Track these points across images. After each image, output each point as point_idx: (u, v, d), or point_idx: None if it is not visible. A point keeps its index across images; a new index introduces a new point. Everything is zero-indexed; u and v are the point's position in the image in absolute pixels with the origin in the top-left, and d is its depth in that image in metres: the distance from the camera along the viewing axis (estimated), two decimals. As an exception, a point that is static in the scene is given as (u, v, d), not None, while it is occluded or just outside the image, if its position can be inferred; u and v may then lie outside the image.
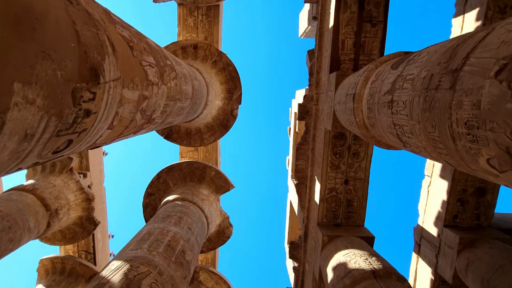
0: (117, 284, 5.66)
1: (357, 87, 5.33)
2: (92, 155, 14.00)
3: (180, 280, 7.17)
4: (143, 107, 4.39)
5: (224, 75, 11.72)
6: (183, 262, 7.71)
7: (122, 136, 4.38)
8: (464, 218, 8.53)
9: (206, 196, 12.03)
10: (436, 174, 9.01)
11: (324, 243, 7.97)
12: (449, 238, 8.31)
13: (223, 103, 11.92)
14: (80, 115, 2.77)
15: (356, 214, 8.61)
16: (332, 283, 6.49)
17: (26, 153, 2.38)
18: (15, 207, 9.90)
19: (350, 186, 8.47)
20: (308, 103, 9.77)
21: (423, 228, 9.53)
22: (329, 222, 8.63)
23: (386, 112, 4.25)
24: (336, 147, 8.20)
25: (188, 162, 12.65)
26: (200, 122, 11.71)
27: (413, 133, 3.64)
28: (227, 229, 13.38)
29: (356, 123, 5.46)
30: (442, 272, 8.55)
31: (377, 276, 5.94)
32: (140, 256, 6.75)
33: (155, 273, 6.38)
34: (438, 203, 8.84)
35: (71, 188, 12.32)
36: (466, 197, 8.41)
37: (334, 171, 8.34)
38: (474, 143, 2.60)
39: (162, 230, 8.21)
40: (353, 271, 6.18)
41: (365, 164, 8.32)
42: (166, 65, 5.42)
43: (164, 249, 7.43)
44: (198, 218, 10.31)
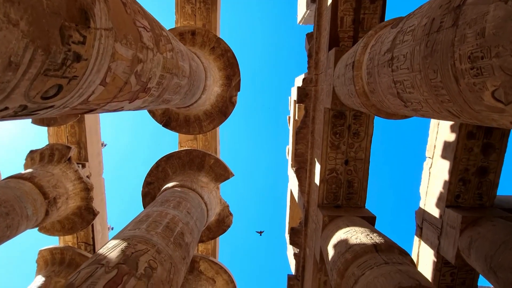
0: (114, 259, 5.56)
1: (356, 55, 5.23)
2: (91, 146, 13.92)
3: (179, 260, 7.08)
4: (138, 70, 4.30)
5: (223, 61, 11.62)
6: (182, 243, 7.62)
7: (116, 100, 4.28)
8: (467, 198, 8.42)
9: (206, 184, 11.93)
10: (438, 154, 8.91)
11: (325, 224, 7.87)
12: (451, 218, 8.21)
13: (221, 89, 11.83)
14: (70, 57, 2.68)
15: (357, 195, 8.51)
16: (333, 260, 6.39)
17: (11, 87, 2.28)
18: (13, 194, 9.81)
19: (350, 167, 8.36)
20: (307, 85, 9.67)
21: (425, 211, 9.42)
22: (329, 204, 8.53)
23: (386, 71, 4.15)
24: (336, 126, 8.10)
25: (187, 150, 12.56)
26: (199, 109, 11.61)
27: (414, 85, 3.55)
28: (227, 218, 13.28)
29: (356, 92, 5.36)
30: (444, 253, 8.45)
31: (378, 250, 5.84)
32: (138, 235, 6.65)
33: (153, 251, 6.28)
34: (439, 183, 8.73)
35: (69, 177, 12.23)
36: (468, 177, 8.30)
37: (334, 152, 8.24)
38: (478, 76, 2.51)
39: (161, 213, 8.12)
40: (354, 246, 6.08)
41: (365, 144, 8.22)
42: (161, 35, 5.33)
43: (163, 229, 7.33)
44: (198, 204, 10.21)
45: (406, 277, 4.90)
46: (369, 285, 5.05)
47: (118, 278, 5.13)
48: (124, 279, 5.17)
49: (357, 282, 5.34)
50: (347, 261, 5.90)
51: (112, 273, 5.19)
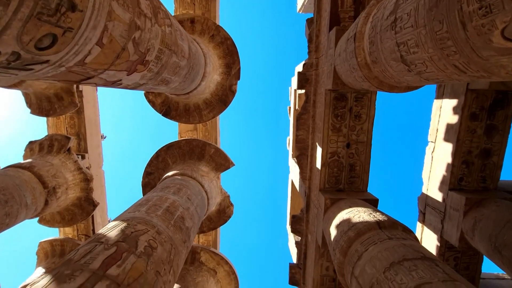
0: (113, 238, 5.48)
1: (357, 26, 5.14)
2: (90, 137, 13.84)
3: (180, 243, 6.99)
4: (136, 38, 4.21)
5: (222, 49, 11.54)
6: (182, 227, 7.53)
7: (114, 69, 4.20)
8: (470, 181, 8.32)
9: (206, 173, 11.85)
10: (440, 138, 8.81)
11: (327, 206, 7.79)
12: (454, 201, 8.11)
13: (221, 78, 11.74)
14: (64, 3, 2.59)
15: (359, 179, 8.42)
16: (335, 239, 6.31)
17: (2, 25, 2.20)
18: (12, 182, 9.74)
19: (352, 150, 8.27)
20: (308, 70, 9.58)
21: (428, 196, 9.33)
22: (331, 188, 8.44)
23: (389, 35, 4.06)
24: (337, 109, 8.01)
25: (187, 140, 12.47)
26: (199, 97, 11.52)
27: (419, 43, 3.46)
28: (227, 209, 13.19)
29: (358, 64, 5.27)
30: (448, 237, 8.35)
31: (382, 227, 5.75)
32: (137, 217, 6.57)
33: (153, 232, 6.20)
34: (442, 167, 8.64)
35: (69, 167, 12.15)
36: (472, 159, 8.21)
37: (336, 134, 8.15)
38: (487, 15, 2.42)
39: (161, 198, 8.04)
40: (357, 224, 5.99)
41: (367, 126, 8.13)
42: (160, 8, 5.25)
43: (163, 212, 7.25)
44: (198, 191, 10.12)
45: (411, 250, 4.81)
46: (373, 259, 4.96)
47: (117, 254, 5.04)
48: (124, 255, 5.08)
49: (361, 258, 5.25)
50: (350, 239, 5.81)
51: (111, 250, 5.10)
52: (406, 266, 4.40)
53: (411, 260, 4.50)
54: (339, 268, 5.95)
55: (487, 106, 7.88)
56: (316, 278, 8.98)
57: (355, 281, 5.14)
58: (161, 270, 5.64)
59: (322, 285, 8.98)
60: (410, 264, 4.42)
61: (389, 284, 4.29)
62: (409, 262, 4.46)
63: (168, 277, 5.82)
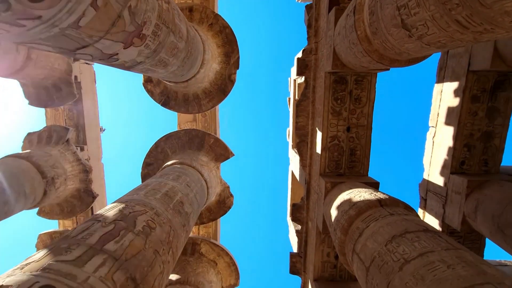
0: (111, 217, 5.41)
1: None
2: (89, 129, 13.77)
3: (179, 226, 6.92)
4: (132, 6, 4.14)
5: (221, 38, 11.46)
6: (181, 211, 7.46)
7: (110, 38, 4.12)
8: (472, 164, 8.25)
9: (206, 163, 11.79)
10: (441, 122, 8.73)
11: (327, 190, 7.71)
12: (456, 184, 8.04)
13: (220, 67, 11.66)
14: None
15: (360, 163, 8.34)
16: (336, 219, 6.23)
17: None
18: (10, 171, 9.67)
19: (352, 134, 8.20)
20: (307, 56, 9.50)
21: (429, 181, 9.25)
22: (331, 173, 8.37)
23: (389, 1, 3.99)
24: (337, 92, 7.94)
25: (187, 130, 12.41)
26: (197, 86, 11.45)
27: (420, 3, 3.38)
28: (227, 199, 13.12)
29: (358, 38, 5.19)
30: (450, 221, 8.28)
31: (383, 204, 5.68)
32: (136, 199, 6.51)
33: (151, 213, 6.13)
34: (443, 151, 8.56)
35: (67, 158, 12.08)
36: (473, 142, 8.13)
37: (336, 118, 8.08)
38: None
39: (160, 183, 7.97)
40: (358, 203, 5.92)
41: (367, 109, 8.05)
42: (156, -18, 5.18)
43: (162, 196, 7.18)
44: (197, 180, 10.06)
45: (413, 224, 4.74)
46: (374, 234, 4.89)
47: (115, 231, 4.98)
48: (121, 233, 5.01)
49: (362, 234, 5.18)
50: (351, 217, 5.74)
51: (109, 227, 5.04)
52: (408, 238, 4.33)
53: (413, 233, 4.43)
54: (340, 247, 5.88)
55: (488, 88, 7.80)
56: (317, 265, 8.91)
57: (357, 257, 5.06)
58: (160, 249, 5.57)
59: (323, 272, 8.91)
60: (412, 236, 4.36)
61: (391, 256, 4.22)
62: (411, 234, 4.39)
63: (167, 257, 5.75)
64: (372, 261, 4.53)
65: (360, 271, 4.90)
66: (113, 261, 4.30)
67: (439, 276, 3.41)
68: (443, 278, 3.36)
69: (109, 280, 3.99)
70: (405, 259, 3.98)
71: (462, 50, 7.94)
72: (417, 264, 3.77)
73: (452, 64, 8.32)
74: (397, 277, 3.88)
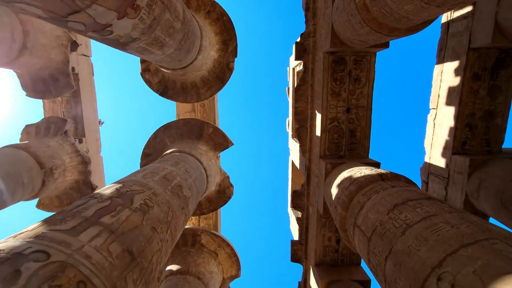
0: (108, 194, 5.32)
1: (355, -34, 4.96)
2: (88, 121, 13.69)
3: (177, 208, 6.83)
4: (124, -29, 4.05)
5: (219, 26, 11.37)
6: (180, 194, 7.37)
7: (101, 3, 4.03)
8: (474, 144, 8.14)
9: (205, 152, 11.70)
10: (442, 103, 8.63)
11: (328, 171, 7.62)
12: (458, 164, 7.93)
13: (218, 55, 11.57)
14: None
15: (360, 145, 8.24)
16: (337, 196, 6.14)
17: None
18: (7, 160, 9.59)
19: (352, 115, 8.10)
20: (306, 40, 9.41)
21: (430, 164, 9.15)
22: (332, 155, 8.27)
23: (387, -41, 3.89)
24: (336, 72, 7.84)
25: (185, 120, 12.32)
26: (196, 74, 11.36)
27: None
28: (227, 189, 13.02)
29: (356, 7, 5.10)
30: (452, 202, 8.17)
31: (384, 179, 5.59)
32: (133, 180, 6.42)
33: (149, 193, 6.04)
34: (445, 132, 8.46)
35: (66, 150, 12.00)
36: (475, 122, 8.02)
37: (335, 99, 7.98)
38: None
39: (158, 167, 7.88)
40: (359, 178, 5.82)
41: (367, 90, 7.95)
42: (150, -46, 5.08)
43: (160, 179, 7.09)
44: (196, 167, 9.97)
45: (415, 193, 4.65)
46: (376, 205, 4.80)
47: (112, 207, 4.88)
48: (118, 208, 4.92)
49: (363, 207, 5.08)
50: (352, 193, 5.64)
51: (105, 203, 4.95)
52: (411, 205, 4.23)
53: (416, 200, 4.33)
54: (341, 224, 5.79)
55: (489, 66, 7.70)
56: (319, 249, 8.81)
57: (358, 230, 4.97)
58: (158, 227, 5.48)
59: (325, 256, 8.81)
60: (414, 203, 4.26)
61: (393, 223, 4.12)
62: (413, 202, 4.30)
63: (165, 236, 5.66)
64: (374, 230, 4.43)
65: (362, 243, 4.80)
66: (109, 233, 4.21)
67: (442, 235, 3.32)
68: (447, 237, 3.26)
69: (105, 250, 3.90)
70: (407, 224, 3.88)
71: (462, 28, 7.84)
72: (420, 227, 3.67)
73: (452, 44, 8.22)
74: (399, 241, 3.78)
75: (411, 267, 3.36)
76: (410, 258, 3.46)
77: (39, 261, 3.16)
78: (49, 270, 3.12)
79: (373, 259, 4.30)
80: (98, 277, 3.52)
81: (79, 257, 3.50)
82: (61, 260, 3.31)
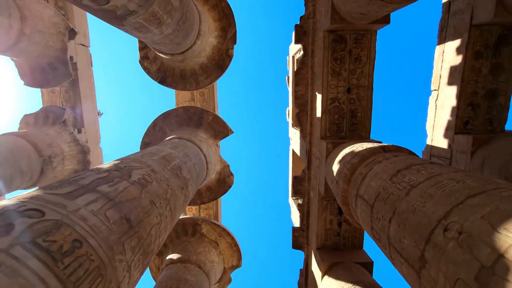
0: (106, 168, 5.23)
1: None
2: (86, 112, 13.60)
3: (177, 187, 6.75)
4: None
5: (217, 12, 11.28)
6: (179, 175, 7.29)
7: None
8: (476, 124, 8.04)
9: (205, 139, 11.61)
10: (444, 83, 8.54)
11: (329, 151, 7.52)
12: (461, 144, 7.83)
13: (217, 41, 11.48)
14: None
15: (361, 125, 8.15)
16: (338, 171, 6.05)
17: None
18: (6, 147, 9.51)
19: (353, 95, 8.00)
20: (305, 22, 9.32)
21: (433, 146, 9.05)
22: (332, 136, 8.17)
23: None
24: (336, 51, 7.75)
25: (185, 107, 12.24)
26: (195, 61, 11.27)
27: None
28: (228, 178, 12.94)
29: (356, -27, 5.00)
30: (455, 183, 8.07)
31: (387, 150, 5.49)
32: (132, 158, 6.33)
33: (148, 169, 5.95)
34: (447, 112, 8.36)
35: (65, 139, 11.92)
36: (477, 101, 7.93)
37: (336, 79, 7.88)
38: None
39: (157, 149, 7.80)
40: (361, 152, 5.73)
41: (367, 69, 7.86)
42: None
43: (159, 159, 7.01)
44: (196, 153, 9.88)
45: (419, 160, 4.55)
46: (378, 173, 4.70)
47: (109, 178, 4.79)
48: (116, 180, 4.83)
49: (366, 177, 4.99)
50: (354, 166, 5.55)
51: (103, 174, 4.86)
52: (415, 169, 4.14)
53: (420, 165, 4.24)
54: (343, 198, 5.69)
55: (492, 43, 7.60)
56: (320, 233, 8.72)
57: (361, 200, 4.88)
58: (157, 202, 5.39)
59: (327, 240, 8.72)
60: (418, 167, 4.17)
61: (397, 186, 4.03)
62: (417, 166, 4.21)
63: (164, 211, 5.57)
64: (377, 196, 4.34)
65: (365, 213, 4.71)
66: (106, 200, 4.12)
67: (448, 190, 3.23)
68: (453, 190, 3.17)
69: (102, 215, 3.81)
70: (411, 185, 3.79)
71: (464, 5, 7.75)
72: (425, 186, 3.58)
73: (454, 23, 8.12)
74: (403, 202, 3.69)
75: (416, 223, 3.27)
76: (414, 215, 3.37)
77: (33, 218, 3.07)
78: (44, 226, 3.03)
79: (376, 225, 4.21)
80: (94, 238, 3.43)
81: (75, 218, 3.42)
82: (56, 218, 3.22)
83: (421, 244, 3.08)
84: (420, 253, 3.06)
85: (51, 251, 2.85)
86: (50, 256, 2.81)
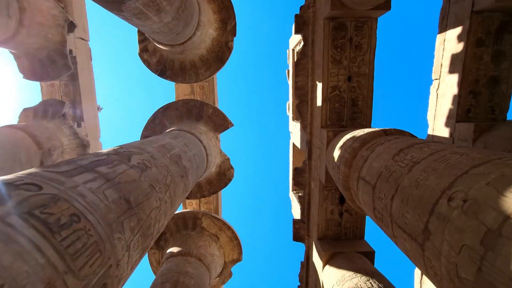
0: (105, 152, 5.19)
1: None
2: (86, 105, 13.56)
3: (177, 175, 6.70)
4: None
5: (217, 4, 11.22)
6: (179, 163, 7.24)
7: None
8: (478, 112, 7.99)
9: (205, 132, 11.56)
10: (445, 72, 8.48)
11: (329, 139, 7.47)
12: (462, 132, 7.78)
13: (217, 33, 11.43)
14: None
15: (362, 114, 8.09)
16: (339, 157, 5.99)
17: None
18: (5, 138, 9.47)
19: (354, 83, 7.95)
20: (305, 12, 9.26)
21: (434, 135, 9.00)
22: (333, 125, 8.12)
23: None
24: (336, 39, 7.69)
25: (185, 100, 12.19)
26: (195, 53, 11.22)
27: None
28: (228, 171, 12.89)
29: (357, -46, 4.95)
30: (456, 171, 8.01)
31: (388, 134, 5.44)
32: (131, 145, 6.28)
33: (147, 155, 5.91)
34: (448, 100, 8.31)
35: (64, 132, 11.88)
36: (479, 88, 7.87)
37: (336, 67, 7.83)
38: None
39: (157, 138, 7.75)
40: (362, 136, 5.68)
41: (368, 57, 7.80)
42: None
43: (159, 146, 6.96)
44: (196, 144, 9.84)
45: (421, 140, 4.50)
46: (380, 154, 4.65)
47: (108, 160, 4.75)
48: (114, 162, 4.78)
49: (367, 160, 4.94)
50: (355, 149, 5.50)
51: (102, 157, 4.81)
52: (417, 147, 4.09)
53: (422, 143, 4.19)
54: (344, 182, 5.64)
55: (493, 30, 7.54)
56: (321, 223, 8.67)
57: (362, 182, 4.82)
58: (156, 187, 5.34)
59: (328, 230, 8.67)
60: (421, 145, 4.12)
61: (399, 164, 3.98)
62: (420, 144, 4.16)
63: (164, 196, 5.52)
64: (379, 176, 4.29)
65: (367, 194, 4.66)
66: (104, 180, 4.07)
67: (452, 163, 3.17)
68: (457, 163, 3.12)
69: (100, 193, 3.76)
70: (414, 162, 3.74)
71: (465, -8, 7.68)
72: (428, 162, 3.53)
73: (455, 10, 8.07)
74: (406, 178, 3.64)
75: (419, 197, 3.22)
76: (418, 189, 3.32)
77: (30, 191, 3.02)
78: (41, 199, 2.98)
79: (378, 204, 4.16)
80: (93, 215, 3.38)
81: (72, 194, 3.37)
82: (53, 193, 3.17)
83: (424, 217, 3.03)
84: (424, 226, 3.01)
85: (48, 222, 2.81)
86: (47, 227, 2.76)
